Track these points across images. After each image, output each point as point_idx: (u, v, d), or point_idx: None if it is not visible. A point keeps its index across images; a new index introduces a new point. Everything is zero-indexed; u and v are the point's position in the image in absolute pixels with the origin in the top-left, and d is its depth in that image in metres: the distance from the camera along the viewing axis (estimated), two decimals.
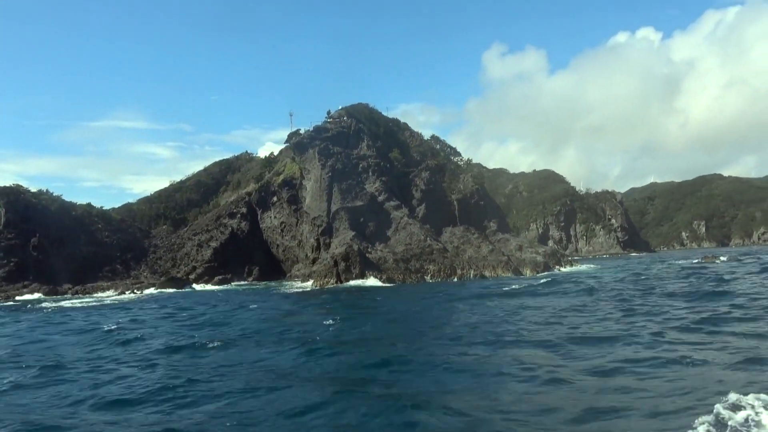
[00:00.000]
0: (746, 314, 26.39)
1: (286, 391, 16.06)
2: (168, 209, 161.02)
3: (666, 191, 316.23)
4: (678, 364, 17.15)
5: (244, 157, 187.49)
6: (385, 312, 37.02)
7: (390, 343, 23.73)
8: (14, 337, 32.67)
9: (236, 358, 21.75)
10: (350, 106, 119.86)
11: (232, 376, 18.53)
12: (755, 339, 20.42)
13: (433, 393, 15.07)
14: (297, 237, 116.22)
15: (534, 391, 14.82)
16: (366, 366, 18.99)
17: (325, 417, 13.48)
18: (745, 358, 17.32)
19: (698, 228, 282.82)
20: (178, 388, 16.93)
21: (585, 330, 24.35)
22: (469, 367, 18.19)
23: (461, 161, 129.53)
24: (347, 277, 63.88)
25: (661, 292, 38.88)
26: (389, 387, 16.17)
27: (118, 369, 20.98)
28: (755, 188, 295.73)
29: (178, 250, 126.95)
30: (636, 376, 15.89)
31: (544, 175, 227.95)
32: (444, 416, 13.01)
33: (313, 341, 24.52)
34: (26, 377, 20.13)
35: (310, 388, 16.26)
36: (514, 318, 29.77)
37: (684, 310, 29.29)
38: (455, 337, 24.12)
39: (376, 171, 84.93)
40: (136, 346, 26.49)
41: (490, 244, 78.24)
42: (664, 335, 22.16)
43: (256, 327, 31.31)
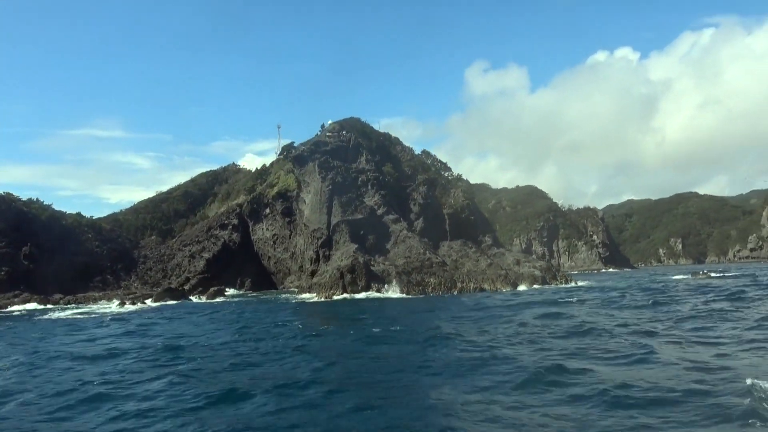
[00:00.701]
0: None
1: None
2: (155, 220, 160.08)
3: (643, 208, 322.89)
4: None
5: (231, 169, 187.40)
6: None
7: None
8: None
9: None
10: (343, 120, 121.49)
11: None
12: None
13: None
14: (290, 249, 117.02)
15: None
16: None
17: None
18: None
19: (675, 245, 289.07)
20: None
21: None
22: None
23: (451, 176, 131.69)
24: (353, 289, 64.98)
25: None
26: None
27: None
28: (730, 207, 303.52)
29: (168, 261, 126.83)
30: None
31: (527, 191, 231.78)
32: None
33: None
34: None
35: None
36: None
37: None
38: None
39: (375, 185, 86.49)
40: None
41: (488, 258, 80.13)
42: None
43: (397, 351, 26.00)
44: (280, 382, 19.65)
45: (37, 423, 16.35)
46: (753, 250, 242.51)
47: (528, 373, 19.29)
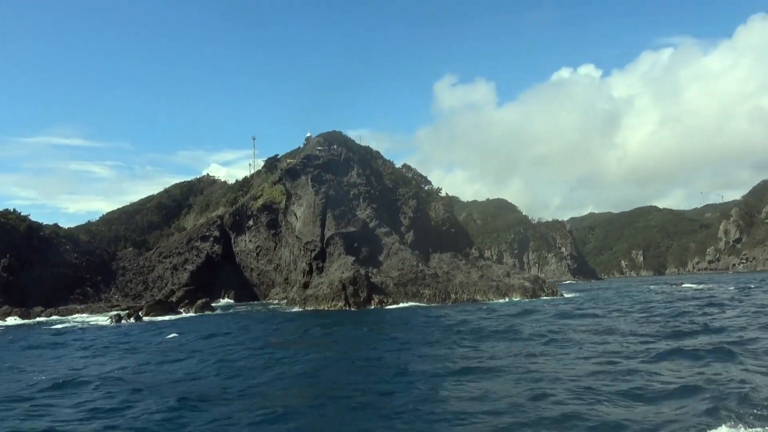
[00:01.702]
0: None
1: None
2: (128, 231, 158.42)
3: (605, 221, 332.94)
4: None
5: (206, 180, 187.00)
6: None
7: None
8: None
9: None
10: (327, 134, 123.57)
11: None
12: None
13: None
14: (274, 261, 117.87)
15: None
16: None
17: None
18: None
19: (636, 257, 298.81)
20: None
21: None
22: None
23: (431, 189, 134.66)
24: (356, 300, 66.76)
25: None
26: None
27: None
28: (687, 220, 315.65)
29: (148, 273, 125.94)
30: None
31: (498, 204, 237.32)
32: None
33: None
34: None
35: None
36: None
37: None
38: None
39: (367, 198, 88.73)
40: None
41: (478, 270, 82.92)
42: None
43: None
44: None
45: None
46: (711, 262, 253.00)
47: None
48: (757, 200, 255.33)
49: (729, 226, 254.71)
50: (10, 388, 24.47)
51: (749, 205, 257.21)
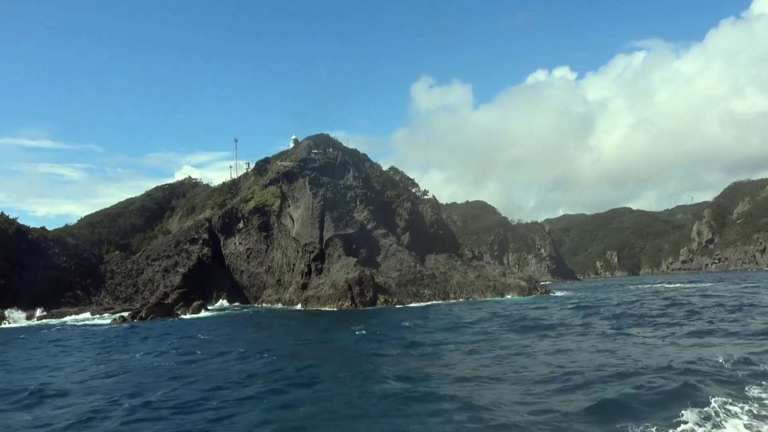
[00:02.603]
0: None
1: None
2: (111, 234, 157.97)
3: (581, 223, 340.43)
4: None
5: (188, 183, 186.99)
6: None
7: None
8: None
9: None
10: (315, 136, 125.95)
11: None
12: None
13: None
14: (266, 263, 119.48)
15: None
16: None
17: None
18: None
19: (611, 258, 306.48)
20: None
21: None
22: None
23: (419, 192, 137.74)
24: (362, 300, 69.28)
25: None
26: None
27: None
28: (660, 222, 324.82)
29: (137, 276, 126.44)
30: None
31: (477, 205, 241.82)
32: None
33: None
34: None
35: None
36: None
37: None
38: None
39: (364, 200, 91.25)
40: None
41: (474, 270, 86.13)
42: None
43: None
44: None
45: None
46: (684, 262, 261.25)
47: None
48: (728, 202, 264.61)
49: (702, 227, 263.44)
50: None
51: (721, 206, 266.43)
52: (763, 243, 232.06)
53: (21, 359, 36.81)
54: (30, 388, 24.67)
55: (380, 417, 17.39)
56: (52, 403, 22.20)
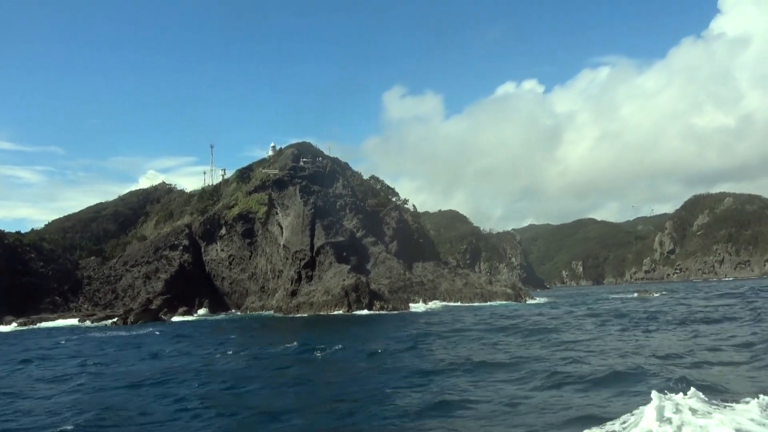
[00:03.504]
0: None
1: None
2: (84, 239, 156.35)
3: (547, 233, 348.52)
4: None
5: (162, 188, 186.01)
6: None
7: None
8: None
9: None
10: (297, 144, 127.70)
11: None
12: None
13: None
14: (249, 270, 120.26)
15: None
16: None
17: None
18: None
19: (577, 267, 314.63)
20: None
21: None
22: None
23: (398, 200, 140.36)
24: (358, 306, 71.25)
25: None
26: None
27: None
28: (623, 232, 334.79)
29: (115, 282, 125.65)
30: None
31: (450, 215, 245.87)
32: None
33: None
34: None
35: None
36: None
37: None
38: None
39: (353, 209, 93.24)
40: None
41: (462, 278, 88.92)
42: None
43: None
44: None
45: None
46: (647, 272, 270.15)
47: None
48: (689, 214, 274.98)
49: (663, 238, 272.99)
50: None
51: (682, 218, 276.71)
52: (721, 254, 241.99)
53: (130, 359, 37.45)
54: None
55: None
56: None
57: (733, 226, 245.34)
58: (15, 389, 27.12)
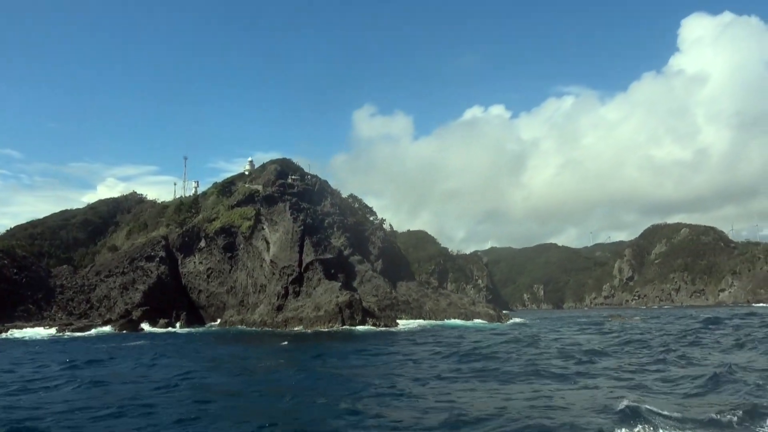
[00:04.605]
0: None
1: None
2: (53, 247, 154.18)
3: (509, 256, 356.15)
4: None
5: (133, 198, 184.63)
6: None
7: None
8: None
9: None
10: (280, 160, 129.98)
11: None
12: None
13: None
14: (227, 283, 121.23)
15: None
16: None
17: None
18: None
19: (537, 291, 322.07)
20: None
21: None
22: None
23: (376, 220, 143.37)
24: (351, 322, 73.70)
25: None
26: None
27: None
28: (582, 258, 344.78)
29: (89, 292, 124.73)
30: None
31: (419, 235, 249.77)
32: None
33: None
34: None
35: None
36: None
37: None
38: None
39: (341, 227, 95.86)
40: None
41: (446, 298, 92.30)
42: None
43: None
44: None
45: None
46: (606, 298, 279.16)
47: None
48: (647, 242, 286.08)
49: (623, 265, 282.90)
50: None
51: (640, 246, 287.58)
52: (678, 282, 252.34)
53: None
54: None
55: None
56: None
57: (689, 256, 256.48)
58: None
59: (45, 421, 21.64)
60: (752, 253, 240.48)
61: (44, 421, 21.60)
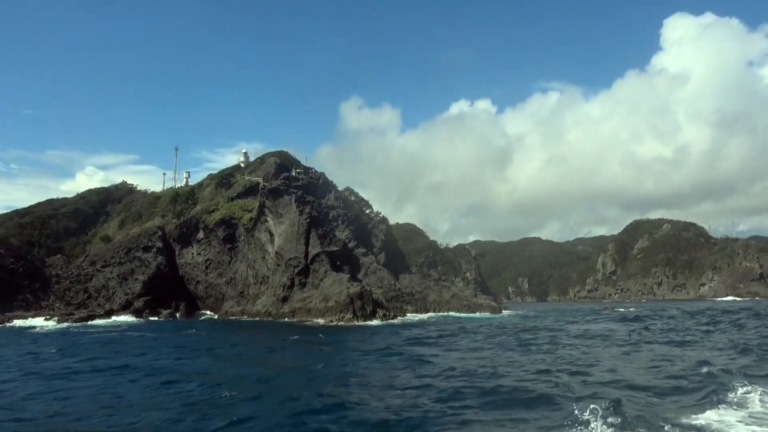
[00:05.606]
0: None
1: None
2: (42, 236, 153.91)
3: (495, 249, 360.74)
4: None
5: (123, 188, 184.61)
6: None
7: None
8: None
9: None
10: (277, 152, 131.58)
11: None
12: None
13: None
14: (227, 275, 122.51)
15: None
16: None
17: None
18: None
19: (522, 284, 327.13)
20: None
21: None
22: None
23: (372, 213, 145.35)
24: (363, 314, 75.79)
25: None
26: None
27: None
28: (565, 252, 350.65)
29: (87, 282, 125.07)
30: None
31: (408, 228, 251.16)
32: None
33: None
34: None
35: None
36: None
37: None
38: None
39: (345, 220, 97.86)
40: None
41: (448, 290, 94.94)
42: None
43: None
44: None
45: None
46: (590, 291, 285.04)
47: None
48: (630, 237, 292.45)
49: (606, 260, 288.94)
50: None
51: (623, 241, 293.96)
52: (660, 276, 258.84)
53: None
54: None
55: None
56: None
57: (671, 251, 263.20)
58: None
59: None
60: (732, 248, 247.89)
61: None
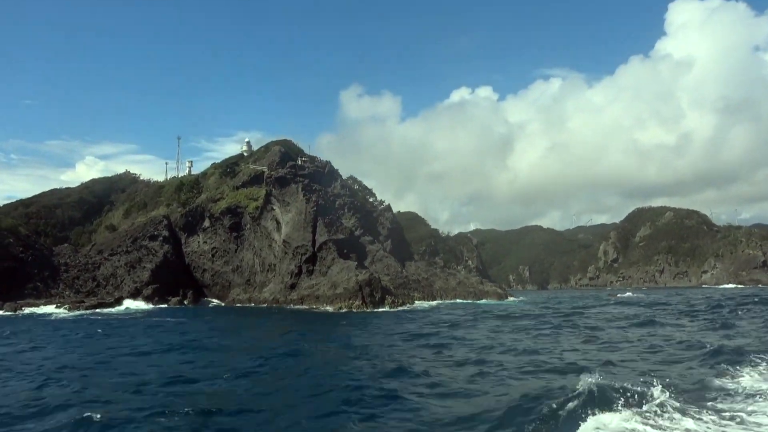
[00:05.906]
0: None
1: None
2: (48, 226, 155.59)
3: (496, 237, 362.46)
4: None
5: (127, 177, 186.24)
6: None
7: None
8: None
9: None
10: (281, 141, 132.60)
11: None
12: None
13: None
14: (233, 263, 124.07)
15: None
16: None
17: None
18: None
19: (523, 272, 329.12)
20: None
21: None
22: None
23: (376, 201, 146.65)
24: (372, 300, 77.26)
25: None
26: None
27: None
28: (566, 240, 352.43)
29: (95, 270, 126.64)
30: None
31: (410, 216, 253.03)
32: None
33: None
34: None
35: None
36: None
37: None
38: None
39: (351, 208, 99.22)
40: None
41: (455, 277, 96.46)
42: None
43: None
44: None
45: None
46: (592, 279, 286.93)
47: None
48: (632, 225, 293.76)
49: (608, 248, 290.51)
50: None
51: (625, 229, 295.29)
52: (662, 264, 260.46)
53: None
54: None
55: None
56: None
57: (673, 239, 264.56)
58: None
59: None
60: (734, 236, 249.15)
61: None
